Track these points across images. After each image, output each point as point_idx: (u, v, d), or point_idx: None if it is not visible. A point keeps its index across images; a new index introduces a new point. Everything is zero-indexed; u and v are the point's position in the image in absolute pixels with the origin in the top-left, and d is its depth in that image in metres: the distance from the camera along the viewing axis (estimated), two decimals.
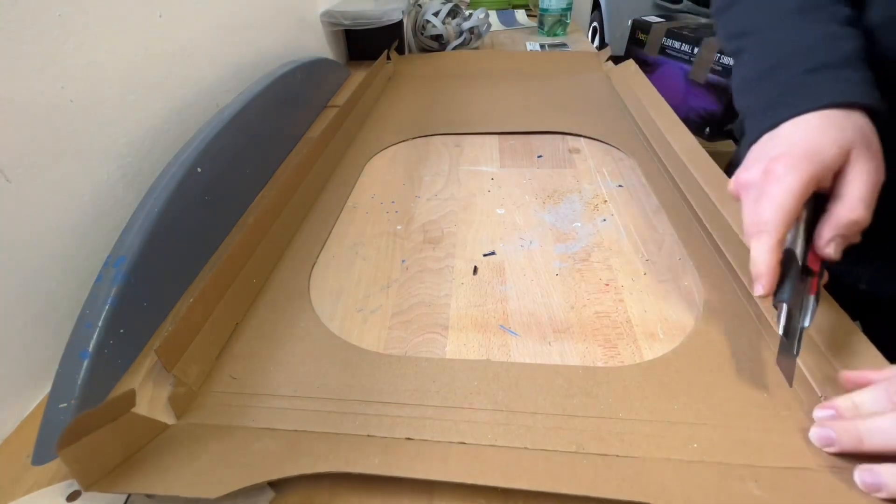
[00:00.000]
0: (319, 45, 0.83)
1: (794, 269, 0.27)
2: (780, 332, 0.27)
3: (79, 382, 0.30)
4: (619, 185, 0.49)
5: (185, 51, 0.47)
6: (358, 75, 0.83)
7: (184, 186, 0.39)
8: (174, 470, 0.25)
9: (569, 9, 1.06)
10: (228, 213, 0.47)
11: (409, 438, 0.27)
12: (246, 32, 0.59)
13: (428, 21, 0.96)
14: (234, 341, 0.34)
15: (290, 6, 0.72)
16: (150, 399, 0.31)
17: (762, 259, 0.26)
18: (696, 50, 1.06)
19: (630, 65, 0.76)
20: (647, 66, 1.19)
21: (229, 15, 0.55)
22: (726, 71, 0.98)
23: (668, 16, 1.27)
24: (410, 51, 0.99)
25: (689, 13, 1.39)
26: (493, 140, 0.61)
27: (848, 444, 0.23)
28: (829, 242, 0.27)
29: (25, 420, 0.30)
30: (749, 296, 0.34)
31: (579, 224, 0.44)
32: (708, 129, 1.06)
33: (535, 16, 1.20)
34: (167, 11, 0.44)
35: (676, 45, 1.11)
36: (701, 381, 0.29)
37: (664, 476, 0.24)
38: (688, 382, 0.29)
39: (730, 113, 1.03)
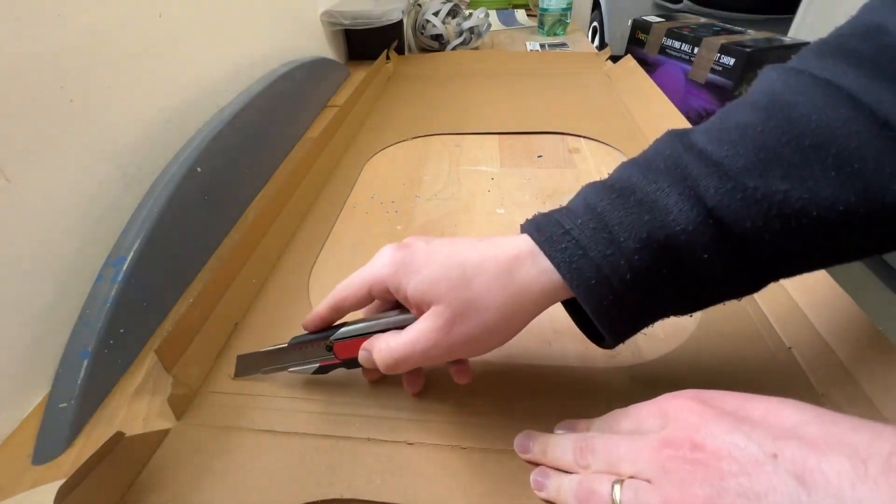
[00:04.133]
0: (319, 45, 0.83)
1: (328, 335, 0.27)
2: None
3: (79, 382, 0.30)
4: None
5: (185, 51, 0.47)
6: (358, 75, 0.83)
7: (183, 186, 0.39)
8: (179, 501, 0.25)
9: (569, 9, 1.06)
10: (228, 212, 0.47)
11: (409, 443, 0.27)
12: (246, 32, 0.59)
13: (428, 21, 0.96)
14: (234, 341, 0.34)
15: (290, 6, 0.72)
16: (150, 400, 0.31)
17: (318, 308, 0.27)
18: (696, 50, 1.06)
19: (629, 61, 0.76)
20: (647, 66, 1.19)
21: (229, 15, 0.55)
22: (726, 71, 0.98)
23: (668, 16, 1.27)
24: (410, 51, 0.99)
25: (689, 13, 1.39)
26: (493, 140, 0.61)
27: (553, 496, 0.23)
28: (363, 352, 0.26)
29: (26, 420, 0.30)
30: (750, 296, 0.34)
31: None
32: None
33: (535, 15, 1.20)
34: (167, 11, 0.44)
35: (676, 45, 1.11)
36: (701, 382, 0.29)
37: None
38: (688, 383, 0.29)
39: None
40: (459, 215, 0.47)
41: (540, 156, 0.57)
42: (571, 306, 0.27)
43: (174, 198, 0.38)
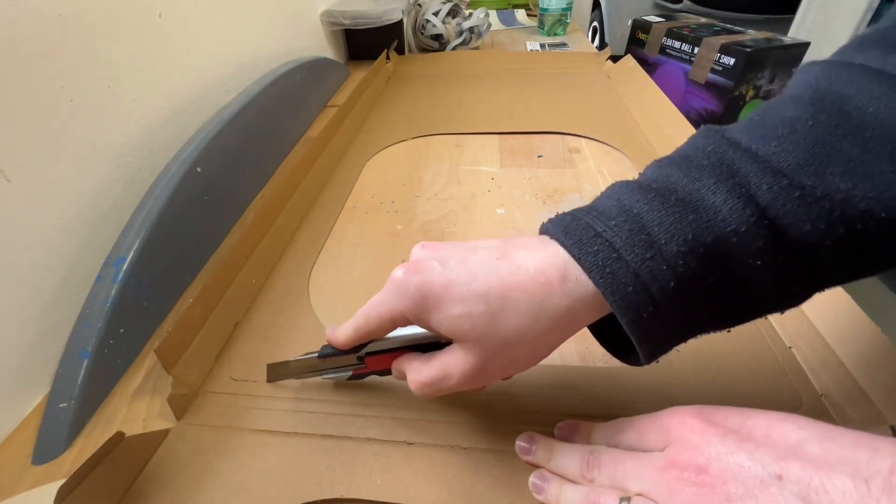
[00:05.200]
0: (319, 45, 0.83)
1: (358, 352, 0.27)
2: (317, 355, 0.28)
3: (79, 382, 0.30)
4: None
5: (185, 51, 0.47)
6: (358, 75, 0.83)
7: (184, 186, 0.39)
8: (179, 501, 0.25)
9: (569, 8, 1.06)
10: (228, 213, 0.47)
11: (409, 443, 0.27)
12: (246, 32, 0.59)
13: (428, 21, 0.96)
14: (233, 341, 0.34)
15: (290, 6, 0.72)
16: (150, 400, 0.31)
17: (343, 336, 0.25)
18: (696, 50, 1.06)
19: (629, 61, 0.76)
20: (647, 66, 1.19)
21: (229, 15, 0.55)
22: (726, 71, 0.98)
23: (668, 16, 1.27)
24: (410, 51, 0.99)
25: (689, 13, 1.38)
26: (493, 140, 0.61)
27: (552, 502, 0.23)
28: (395, 370, 0.26)
29: (26, 420, 0.30)
30: None
31: None
32: None
33: (535, 15, 1.20)
34: (167, 11, 0.44)
35: (676, 44, 1.11)
36: (701, 381, 0.29)
37: None
38: (688, 382, 0.29)
39: (730, 113, 1.03)
40: (459, 215, 0.47)
41: (540, 156, 0.57)
42: None
43: (174, 198, 0.38)
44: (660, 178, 0.21)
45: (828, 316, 0.31)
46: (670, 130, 0.56)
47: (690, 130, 0.54)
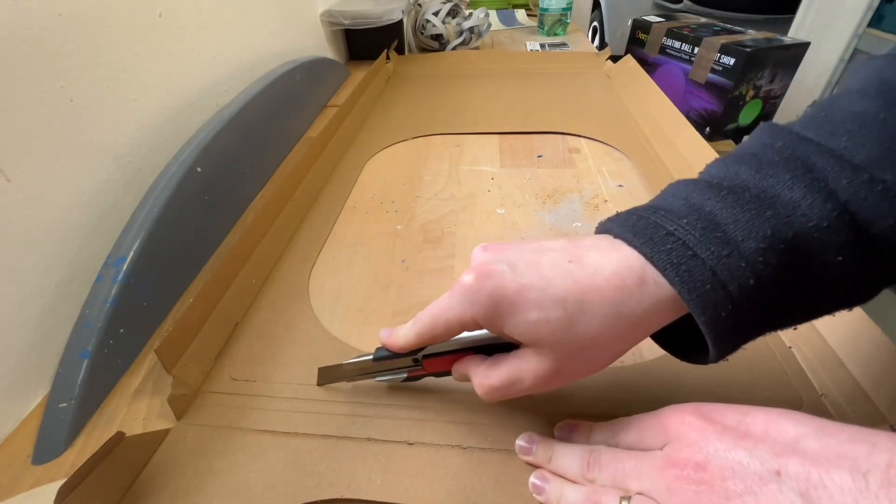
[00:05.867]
0: (319, 45, 0.83)
1: (415, 354, 0.26)
2: (372, 357, 0.27)
3: (79, 382, 0.30)
4: (620, 185, 0.49)
5: (185, 51, 0.47)
6: (357, 75, 0.83)
7: (183, 186, 0.39)
8: (179, 501, 0.25)
9: (569, 8, 1.06)
10: (228, 212, 0.47)
11: (409, 443, 0.27)
12: (246, 32, 0.59)
13: (428, 20, 0.96)
14: (233, 341, 0.34)
15: (290, 6, 0.72)
16: (150, 400, 0.31)
17: (403, 339, 0.25)
18: (696, 50, 1.06)
19: (629, 61, 0.76)
20: (647, 66, 1.19)
21: (229, 15, 0.55)
22: (726, 71, 0.98)
23: (668, 16, 1.27)
24: (410, 50, 0.99)
25: (689, 13, 1.39)
26: (493, 140, 0.61)
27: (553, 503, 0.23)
28: (456, 373, 0.26)
29: (25, 419, 0.30)
30: None
31: (579, 224, 0.44)
32: (708, 129, 1.06)
33: (535, 15, 1.20)
34: (167, 11, 0.44)
35: (676, 44, 1.11)
36: (701, 382, 0.29)
37: None
38: (688, 382, 0.29)
39: (730, 113, 1.03)
40: (459, 215, 0.47)
41: (540, 156, 0.57)
42: None
43: (174, 198, 0.38)
44: (728, 176, 0.20)
45: (828, 316, 0.31)
46: (670, 130, 0.56)
47: (691, 130, 0.54)
